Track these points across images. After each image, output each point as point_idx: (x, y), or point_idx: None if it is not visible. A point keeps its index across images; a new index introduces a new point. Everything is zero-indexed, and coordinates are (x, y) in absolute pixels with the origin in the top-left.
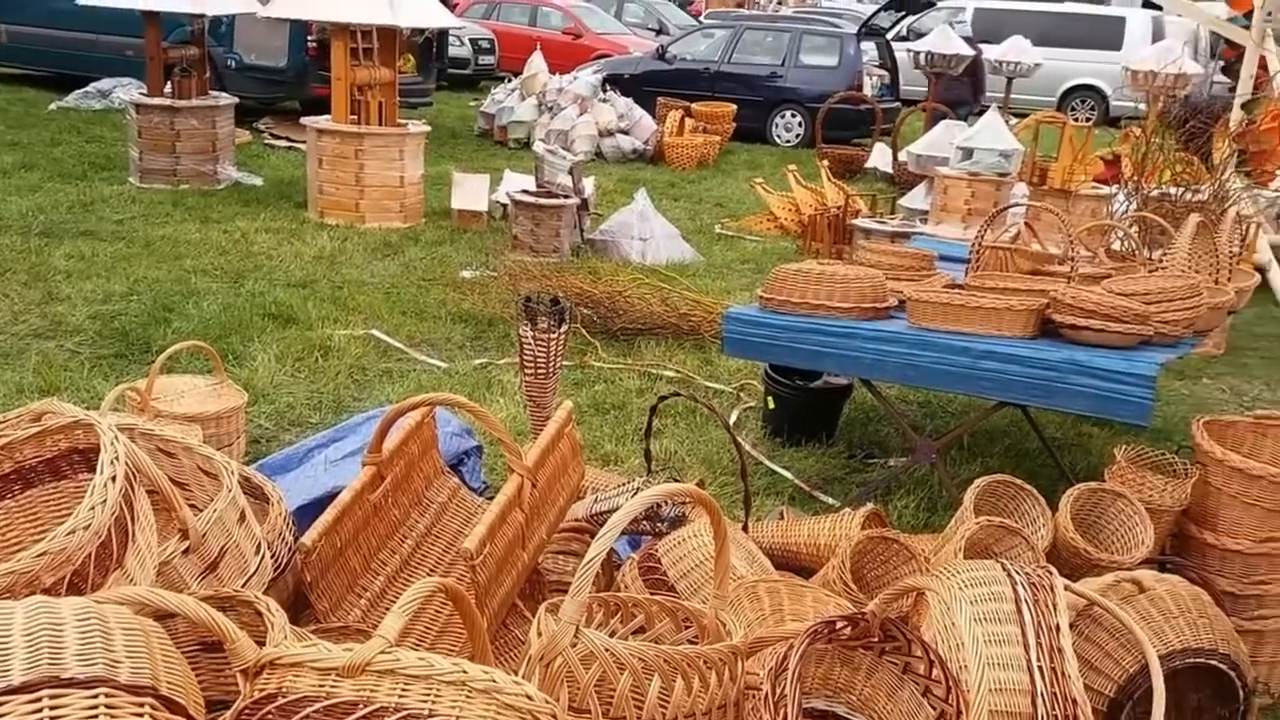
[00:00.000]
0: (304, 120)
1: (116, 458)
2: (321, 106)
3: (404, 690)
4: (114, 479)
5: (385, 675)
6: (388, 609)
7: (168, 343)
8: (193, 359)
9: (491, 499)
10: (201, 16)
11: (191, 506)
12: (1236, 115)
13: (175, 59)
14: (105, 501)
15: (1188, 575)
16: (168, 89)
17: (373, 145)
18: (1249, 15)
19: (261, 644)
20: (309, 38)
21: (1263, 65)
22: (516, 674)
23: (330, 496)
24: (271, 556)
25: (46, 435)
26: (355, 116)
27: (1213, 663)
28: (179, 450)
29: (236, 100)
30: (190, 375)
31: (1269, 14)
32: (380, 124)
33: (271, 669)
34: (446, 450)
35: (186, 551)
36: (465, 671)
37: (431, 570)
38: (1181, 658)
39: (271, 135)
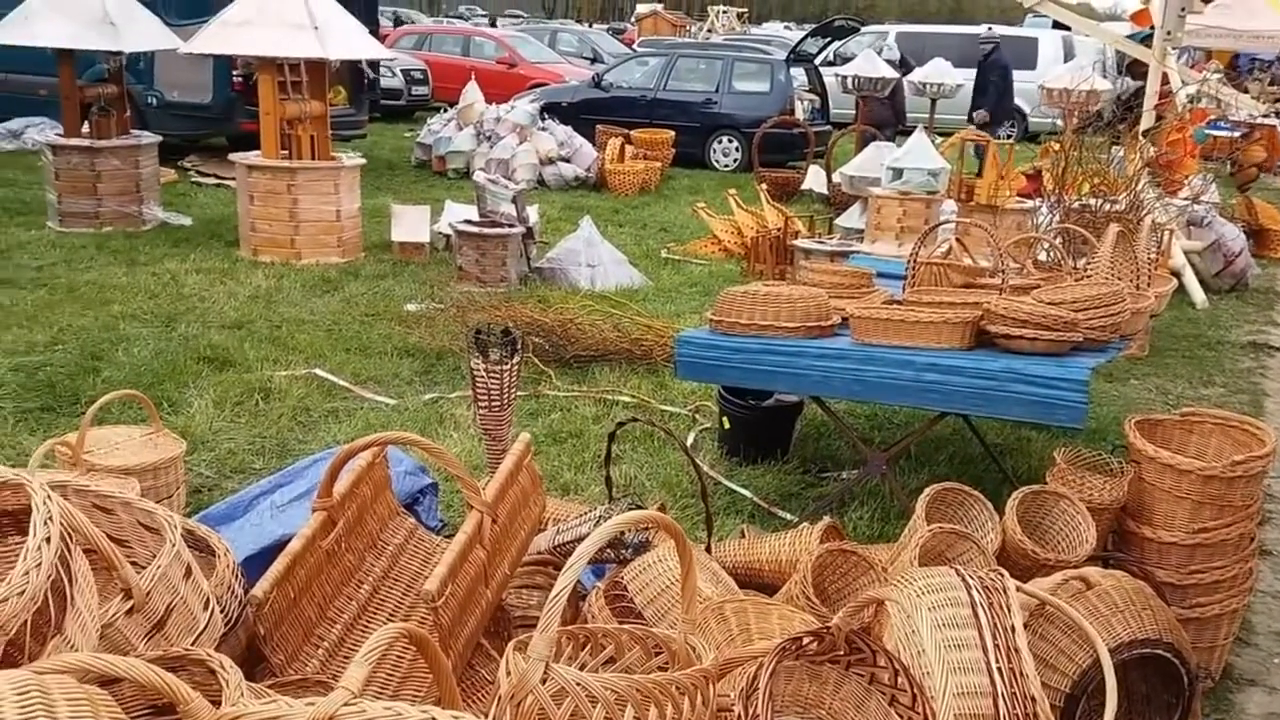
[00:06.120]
0: (232, 156)
1: (50, 518)
2: (250, 142)
3: None
4: (48, 540)
5: None
6: (347, 658)
7: (98, 393)
8: (125, 409)
9: (450, 537)
10: (119, 54)
11: (133, 564)
12: (1147, 124)
13: (92, 97)
14: (40, 565)
15: (1129, 569)
16: (86, 129)
17: (306, 180)
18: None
19: (217, 704)
20: (234, 72)
21: (1166, 80)
22: (487, 716)
23: (279, 545)
24: (221, 611)
25: None
26: (286, 151)
27: (1158, 652)
28: (117, 506)
29: (160, 139)
30: (124, 425)
31: (1168, 33)
32: (313, 158)
33: None
34: (400, 490)
35: (130, 611)
36: (434, 718)
37: (391, 615)
38: (1129, 649)
39: (198, 173)
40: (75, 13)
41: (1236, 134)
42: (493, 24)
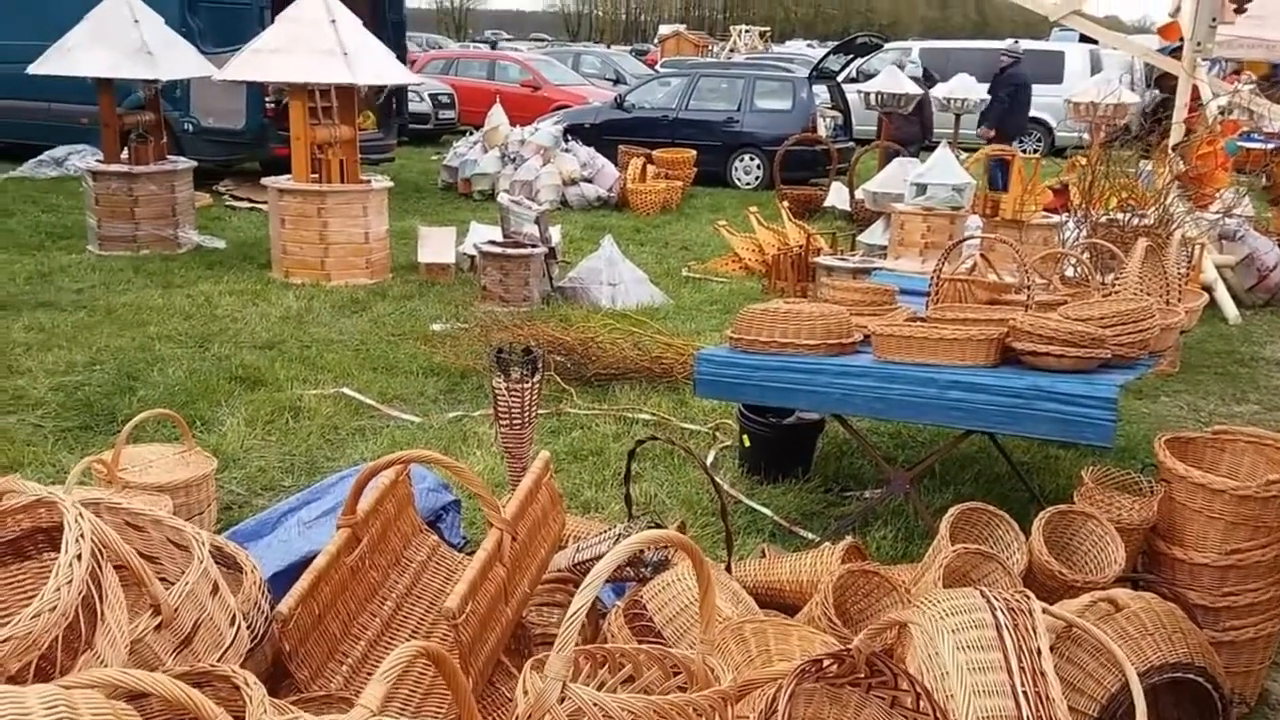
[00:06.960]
0: (265, 181)
1: (81, 535)
2: (282, 166)
3: None
4: (79, 557)
5: None
6: (370, 675)
7: (133, 412)
8: (160, 427)
9: (472, 554)
10: (155, 82)
11: (162, 580)
12: (1176, 138)
13: (131, 125)
14: (71, 581)
15: (1160, 591)
16: (124, 155)
17: (335, 203)
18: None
19: (241, 719)
20: (266, 99)
21: (1196, 94)
22: None
23: (305, 561)
24: (248, 627)
25: (8, 515)
26: (316, 175)
27: (1190, 676)
28: (147, 523)
29: (195, 164)
30: (158, 444)
31: (1198, 44)
32: (342, 181)
33: None
34: (423, 506)
35: (159, 627)
36: None
37: (414, 632)
38: (1160, 673)
39: (232, 197)
40: (114, 43)
41: (1270, 146)
42: (493, 46)
